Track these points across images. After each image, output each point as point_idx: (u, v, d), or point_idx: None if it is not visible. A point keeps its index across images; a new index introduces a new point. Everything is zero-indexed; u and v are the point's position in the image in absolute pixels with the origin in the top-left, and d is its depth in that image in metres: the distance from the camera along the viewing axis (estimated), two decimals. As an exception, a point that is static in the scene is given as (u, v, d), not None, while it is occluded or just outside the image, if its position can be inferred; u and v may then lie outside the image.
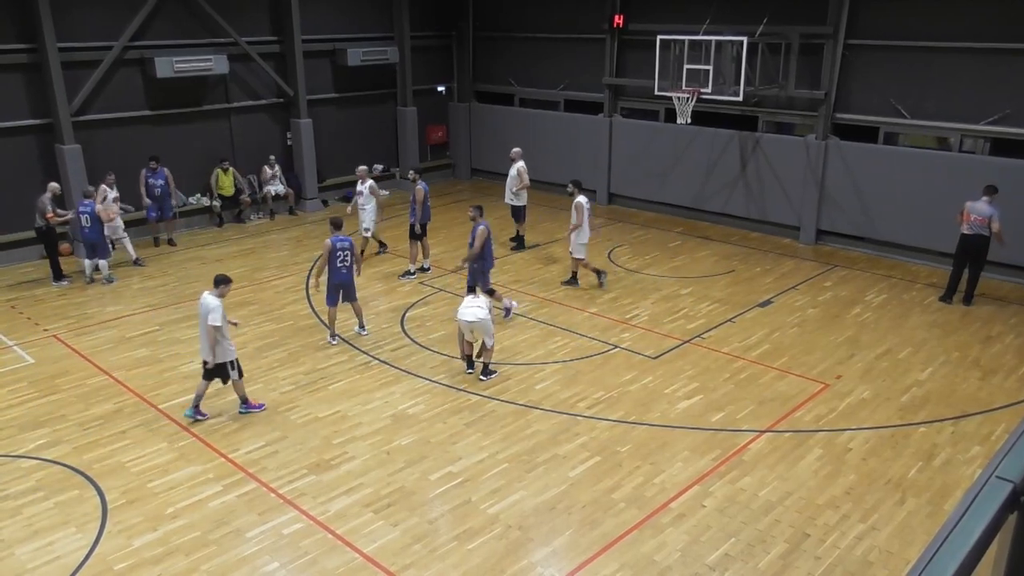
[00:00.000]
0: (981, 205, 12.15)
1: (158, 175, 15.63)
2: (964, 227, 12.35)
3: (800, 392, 9.85)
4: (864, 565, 6.77)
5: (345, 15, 19.25)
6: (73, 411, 9.42)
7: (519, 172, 15.41)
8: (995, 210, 12.06)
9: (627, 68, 18.37)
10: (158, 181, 15.61)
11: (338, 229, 11.22)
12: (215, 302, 8.80)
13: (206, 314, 8.77)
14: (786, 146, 16.07)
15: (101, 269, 13.79)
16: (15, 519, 7.40)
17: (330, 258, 10.93)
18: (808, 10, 14.99)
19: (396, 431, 8.97)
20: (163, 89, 16.27)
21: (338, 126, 19.75)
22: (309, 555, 6.92)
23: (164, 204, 15.79)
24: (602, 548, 7.00)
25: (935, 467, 8.23)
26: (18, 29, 14.36)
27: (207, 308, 8.78)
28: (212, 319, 8.73)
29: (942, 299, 12.84)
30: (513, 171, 15.49)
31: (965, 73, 13.71)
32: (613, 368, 10.53)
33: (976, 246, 12.30)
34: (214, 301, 8.81)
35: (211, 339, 8.82)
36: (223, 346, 8.94)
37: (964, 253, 12.49)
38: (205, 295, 8.93)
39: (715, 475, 8.08)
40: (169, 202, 15.89)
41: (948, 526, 1.59)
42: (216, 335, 8.79)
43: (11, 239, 14.74)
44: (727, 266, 14.72)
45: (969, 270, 12.55)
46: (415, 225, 13.89)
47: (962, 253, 12.52)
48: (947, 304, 12.67)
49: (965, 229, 12.34)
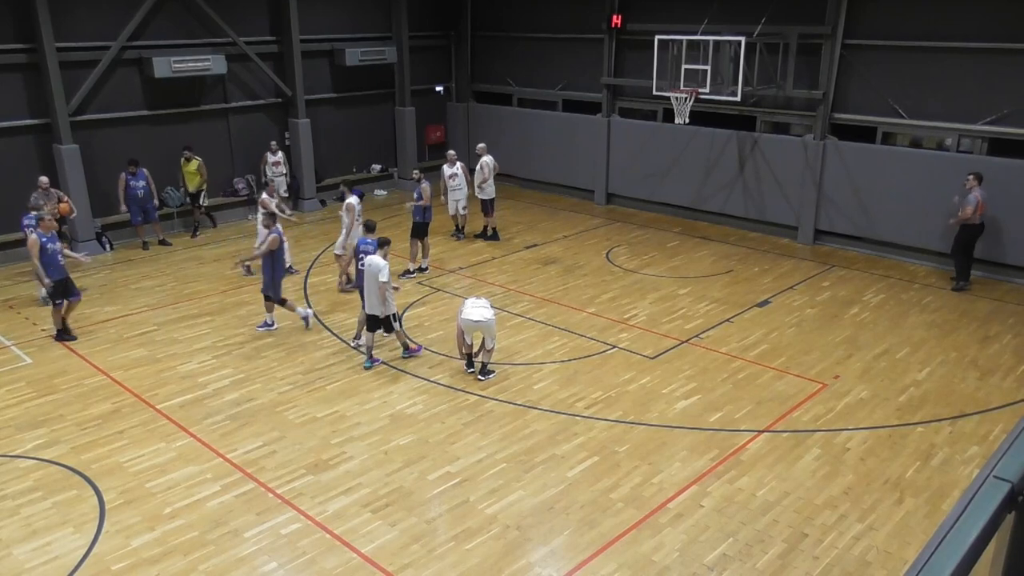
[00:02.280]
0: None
1: (139, 177, 15.14)
2: (978, 218, 12.87)
3: (798, 392, 9.86)
4: (862, 565, 6.78)
5: (343, 15, 19.25)
6: (71, 411, 9.41)
7: (482, 166, 15.78)
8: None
9: (625, 68, 18.37)
10: (139, 183, 15.16)
11: (371, 232, 11.54)
12: (383, 262, 9.98)
13: (376, 272, 9.95)
14: (784, 146, 16.08)
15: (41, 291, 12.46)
16: (13, 519, 7.39)
17: (357, 260, 11.28)
18: (806, 10, 15.00)
19: (394, 431, 8.97)
20: (161, 89, 16.25)
21: (336, 126, 19.74)
22: (307, 555, 6.92)
23: (147, 206, 15.41)
24: (600, 548, 7.00)
25: (933, 467, 8.24)
26: (16, 29, 14.34)
27: (377, 267, 9.96)
28: (382, 276, 9.93)
29: (957, 288, 13.30)
30: (478, 166, 15.84)
31: (963, 73, 13.72)
32: (611, 368, 10.54)
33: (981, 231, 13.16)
34: (382, 261, 9.99)
35: (381, 294, 10.02)
36: (389, 301, 10.14)
37: (976, 240, 13.18)
38: (373, 256, 10.10)
39: (713, 475, 8.09)
40: (152, 203, 15.53)
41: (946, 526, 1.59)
42: (385, 290, 10.01)
43: (9, 239, 14.70)
44: (725, 266, 14.73)
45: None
46: (419, 224, 14.04)
47: (975, 240, 13.19)
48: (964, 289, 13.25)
49: (978, 220, 12.90)
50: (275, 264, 11.30)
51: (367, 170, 20.60)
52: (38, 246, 10.86)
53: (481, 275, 14.15)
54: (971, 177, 12.84)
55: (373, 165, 20.63)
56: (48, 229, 11.07)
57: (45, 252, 10.88)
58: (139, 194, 15.25)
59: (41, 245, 10.86)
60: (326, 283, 13.81)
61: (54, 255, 11.00)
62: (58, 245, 11.14)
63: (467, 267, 14.51)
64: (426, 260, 14.38)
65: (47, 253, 10.90)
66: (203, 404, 9.58)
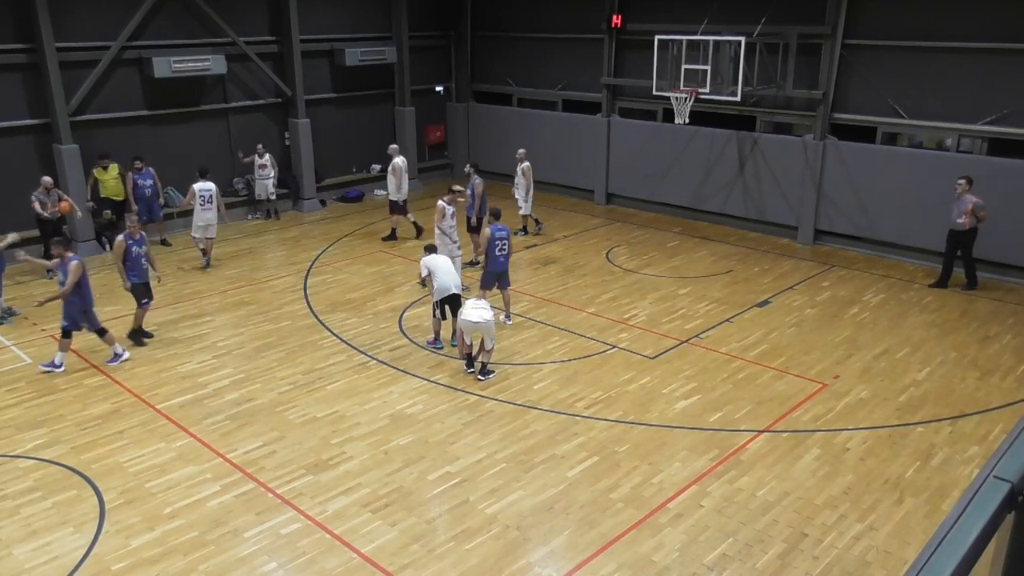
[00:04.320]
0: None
1: (145, 175, 15.05)
2: (968, 223, 12.76)
3: (798, 392, 9.86)
4: (862, 565, 6.78)
5: (343, 15, 19.25)
6: (71, 411, 9.41)
7: (394, 167, 15.89)
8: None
9: (625, 68, 18.37)
10: (146, 182, 15.10)
11: (497, 219, 11.76)
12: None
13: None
14: (784, 146, 16.08)
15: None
16: (13, 519, 7.39)
17: (490, 247, 11.39)
18: (806, 10, 15.00)
19: (394, 431, 8.97)
20: (161, 89, 16.25)
21: (336, 126, 19.74)
22: (307, 555, 6.92)
23: (152, 205, 15.34)
24: (600, 548, 7.00)
25: (933, 467, 8.24)
26: (16, 29, 14.34)
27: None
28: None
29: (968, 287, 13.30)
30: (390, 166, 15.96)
31: (963, 73, 13.72)
32: (611, 368, 10.54)
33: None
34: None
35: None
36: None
37: (961, 245, 13.11)
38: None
39: (713, 475, 8.09)
40: (157, 203, 15.49)
41: (946, 526, 1.59)
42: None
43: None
44: (725, 266, 14.72)
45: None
46: (471, 218, 14.31)
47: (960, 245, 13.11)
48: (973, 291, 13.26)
49: (967, 225, 12.78)
50: (83, 293, 10.30)
51: (367, 170, 20.60)
52: (123, 248, 10.84)
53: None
54: (962, 181, 12.66)
55: (373, 165, 20.60)
56: (135, 232, 11.01)
57: (129, 255, 10.85)
58: (147, 193, 15.20)
59: (126, 248, 10.82)
60: (326, 283, 13.81)
61: (138, 259, 10.95)
62: (143, 249, 11.04)
63: (466, 267, 14.50)
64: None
65: (131, 256, 10.87)
66: (203, 404, 9.58)
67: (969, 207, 12.59)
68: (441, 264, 10.76)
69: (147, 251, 11.19)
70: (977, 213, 12.60)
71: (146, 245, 11.22)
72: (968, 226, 12.71)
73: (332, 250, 15.72)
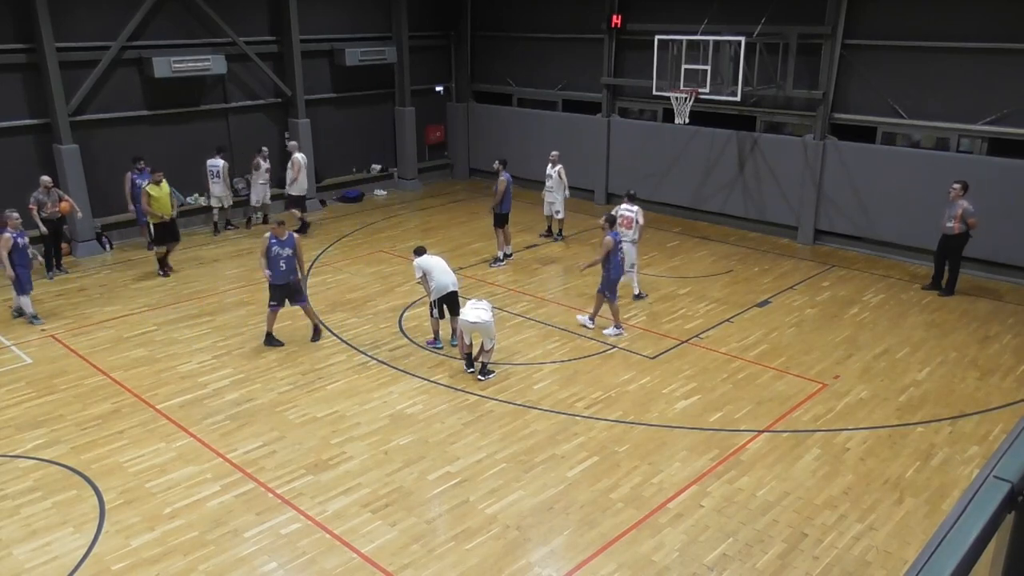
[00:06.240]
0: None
1: (144, 176, 14.67)
2: (958, 228, 12.58)
3: (798, 392, 9.86)
4: (862, 565, 6.78)
5: (343, 15, 19.25)
6: (71, 411, 9.41)
7: (292, 163, 16.33)
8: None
9: (625, 68, 18.37)
10: (145, 182, 14.63)
11: (613, 225, 11.44)
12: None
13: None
14: (784, 146, 16.08)
15: (24, 308, 12.06)
16: (13, 519, 7.39)
17: (612, 254, 11.13)
18: (806, 10, 15.00)
19: (394, 431, 8.97)
20: (161, 89, 16.24)
21: (336, 126, 19.74)
22: (307, 555, 6.92)
23: None
24: (600, 548, 7.00)
25: (933, 467, 8.24)
26: (16, 29, 14.34)
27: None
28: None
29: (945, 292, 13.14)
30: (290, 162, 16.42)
31: (963, 73, 13.72)
32: (611, 368, 10.54)
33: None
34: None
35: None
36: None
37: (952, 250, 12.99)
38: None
39: (713, 475, 8.09)
40: None
41: (946, 526, 1.59)
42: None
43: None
44: (725, 266, 14.72)
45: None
46: (498, 215, 14.52)
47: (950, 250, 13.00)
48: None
49: (958, 230, 12.60)
50: None
51: (367, 170, 20.61)
52: (265, 245, 10.88)
53: (481, 275, 14.15)
54: (957, 186, 12.53)
55: (373, 165, 20.62)
56: (281, 234, 10.94)
57: (269, 252, 10.87)
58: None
59: (268, 245, 10.86)
60: (326, 283, 13.81)
61: (276, 259, 10.90)
62: (285, 252, 10.91)
63: (466, 267, 14.49)
64: (509, 247, 14.92)
65: (270, 254, 10.88)
66: (203, 404, 9.58)
67: (959, 212, 12.45)
68: (435, 264, 10.74)
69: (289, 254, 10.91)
70: (967, 219, 12.40)
71: (289, 248, 10.91)
72: (957, 231, 12.54)
73: (332, 250, 15.72)
